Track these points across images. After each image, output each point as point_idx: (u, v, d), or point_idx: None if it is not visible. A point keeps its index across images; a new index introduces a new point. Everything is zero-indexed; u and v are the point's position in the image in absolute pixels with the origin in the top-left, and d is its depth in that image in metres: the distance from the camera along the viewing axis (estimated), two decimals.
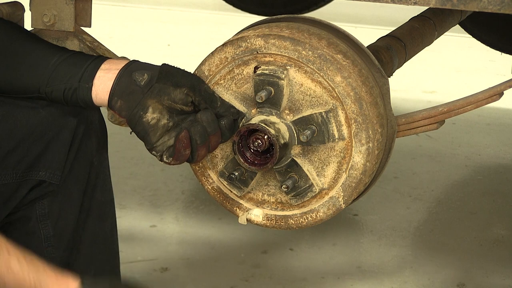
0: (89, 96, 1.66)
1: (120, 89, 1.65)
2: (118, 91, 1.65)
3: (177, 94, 1.65)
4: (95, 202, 1.82)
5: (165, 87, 1.65)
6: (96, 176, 1.82)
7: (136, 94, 1.64)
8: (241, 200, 1.86)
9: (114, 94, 1.65)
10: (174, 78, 1.66)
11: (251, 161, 1.75)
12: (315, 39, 1.75)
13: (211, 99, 1.69)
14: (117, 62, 1.69)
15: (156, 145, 1.65)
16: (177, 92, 1.65)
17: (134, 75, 1.65)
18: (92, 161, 1.80)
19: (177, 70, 1.69)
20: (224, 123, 1.69)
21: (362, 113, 1.72)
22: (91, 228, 1.81)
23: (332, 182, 1.78)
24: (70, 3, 1.99)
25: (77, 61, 1.69)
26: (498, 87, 1.88)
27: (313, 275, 2.45)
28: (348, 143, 1.74)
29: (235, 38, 1.79)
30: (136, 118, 1.64)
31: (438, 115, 1.89)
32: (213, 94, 1.70)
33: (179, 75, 1.68)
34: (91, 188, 1.81)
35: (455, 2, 1.74)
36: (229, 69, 1.79)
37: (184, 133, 1.65)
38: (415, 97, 4.32)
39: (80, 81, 1.66)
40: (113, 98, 1.65)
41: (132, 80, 1.65)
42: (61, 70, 1.67)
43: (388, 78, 1.90)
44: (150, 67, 1.68)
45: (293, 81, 1.75)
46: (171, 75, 1.67)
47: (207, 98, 1.69)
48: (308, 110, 1.74)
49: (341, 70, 1.72)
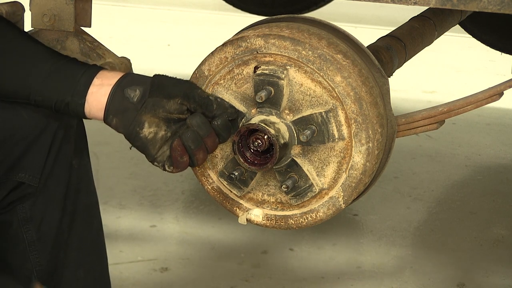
0: (81, 111, 1.67)
1: (114, 107, 1.65)
2: (112, 109, 1.65)
3: (172, 105, 1.66)
4: (80, 206, 1.82)
5: (158, 100, 1.65)
6: (78, 179, 1.83)
7: (130, 111, 1.65)
8: (241, 200, 1.86)
9: (108, 112, 1.66)
10: (166, 90, 1.66)
11: (251, 161, 1.75)
12: (315, 39, 1.75)
13: (206, 103, 1.69)
14: (110, 76, 1.69)
15: (156, 157, 1.66)
16: (171, 103, 1.66)
17: (127, 91, 1.66)
18: (71, 163, 1.81)
19: (169, 80, 1.68)
20: (217, 124, 1.69)
21: (362, 113, 1.72)
22: (78, 231, 1.82)
23: (332, 182, 1.78)
24: (70, 3, 1.99)
25: (69, 71, 1.69)
26: (498, 87, 1.88)
27: (313, 275, 2.45)
28: (348, 143, 1.74)
29: (235, 38, 1.79)
30: (133, 135, 1.65)
31: (438, 115, 1.89)
32: (207, 98, 1.70)
33: (171, 85, 1.68)
34: (73, 192, 1.81)
35: (455, 2, 1.74)
36: (229, 69, 1.79)
37: (177, 141, 1.65)
38: (415, 97, 4.32)
39: (73, 96, 1.67)
40: (108, 116, 1.66)
41: (125, 97, 1.65)
42: (53, 81, 1.68)
43: (388, 78, 1.90)
44: (142, 81, 1.68)
45: (293, 81, 1.75)
46: (163, 86, 1.67)
47: (202, 103, 1.69)
48: (308, 110, 1.74)
49: (341, 70, 1.72)
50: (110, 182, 3.04)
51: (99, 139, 3.32)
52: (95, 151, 3.26)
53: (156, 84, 1.67)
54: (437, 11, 2.56)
